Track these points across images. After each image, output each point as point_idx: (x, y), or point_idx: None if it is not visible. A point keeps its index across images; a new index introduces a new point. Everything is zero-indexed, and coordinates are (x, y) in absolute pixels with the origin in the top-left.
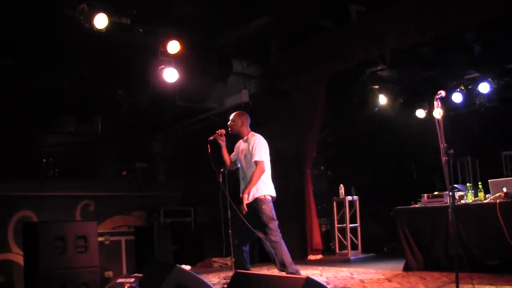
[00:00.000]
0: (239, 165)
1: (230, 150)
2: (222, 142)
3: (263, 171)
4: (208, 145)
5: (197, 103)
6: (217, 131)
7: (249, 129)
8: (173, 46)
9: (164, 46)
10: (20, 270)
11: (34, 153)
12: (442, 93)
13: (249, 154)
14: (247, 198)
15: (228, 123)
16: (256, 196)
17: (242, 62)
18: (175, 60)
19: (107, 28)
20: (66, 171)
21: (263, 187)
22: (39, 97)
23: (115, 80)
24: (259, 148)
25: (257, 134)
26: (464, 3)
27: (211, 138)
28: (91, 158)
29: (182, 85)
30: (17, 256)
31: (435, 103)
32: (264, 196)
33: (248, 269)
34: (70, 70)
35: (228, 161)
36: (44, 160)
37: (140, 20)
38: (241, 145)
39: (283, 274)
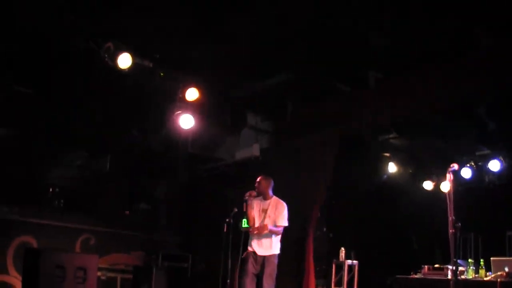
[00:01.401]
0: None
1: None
2: (250, 202)
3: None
4: (244, 204)
5: (209, 152)
6: (249, 192)
7: (272, 193)
8: (192, 93)
9: (183, 92)
10: None
11: (41, 182)
12: (455, 166)
13: (272, 214)
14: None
15: (256, 184)
16: (274, 252)
17: (256, 117)
18: (192, 107)
19: (130, 68)
20: (71, 203)
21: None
22: (52, 128)
23: (130, 121)
24: (285, 214)
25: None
26: (476, 76)
27: (246, 198)
28: (97, 193)
29: (196, 132)
30: (14, 280)
31: (447, 175)
32: (278, 255)
33: None
34: (86, 105)
35: (253, 219)
36: (51, 190)
37: (162, 64)
38: (261, 204)
39: None
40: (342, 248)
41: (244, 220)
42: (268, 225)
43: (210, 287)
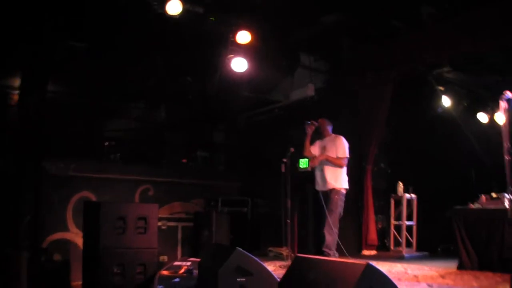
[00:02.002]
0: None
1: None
2: (309, 132)
3: (343, 166)
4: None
5: (263, 94)
6: (312, 121)
7: (331, 131)
8: (244, 36)
9: (235, 36)
10: (77, 250)
11: (98, 137)
12: (509, 93)
13: (330, 148)
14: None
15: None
16: (336, 186)
17: (309, 56)
18: (245, 50)
19: (180, 15)
20: (128, 156)
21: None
22: (109, 82)
23: (184, 67)
24: (344, 145)
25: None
26: None
27: (308, 124)
28: (153, 144)
29: (249, 75)
30: (75, 236)
31: (501, 103)
32: (340, 189)
33: None
34: (141, 57)
35: (309, 150)
36: (107, 143)
37: (212, 9)
38: (320, 143)
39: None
40: (400, 183)
41: (302, 160)
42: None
43: (271, 229)
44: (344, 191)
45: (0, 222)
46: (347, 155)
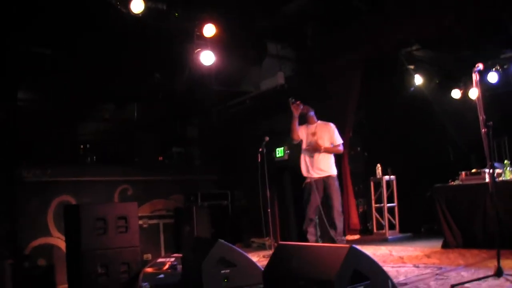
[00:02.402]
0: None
1: None
2: (296, 114)
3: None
4: (292, 106)
5: (233, 87)
6: (297, 102)
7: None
8: (209, 29)
9: (200, 30)
10: (61, 254)
11: (72, 140)
12: (480, 66)
13: (323, 135)
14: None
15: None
16: (334, 173)
17: (277, 45)
18: (211, 43)
19: (143, 12)
20: (104, 157)
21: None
22: (77, 86)
23: (151, 65)
24: (336, 131)
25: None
26: None
27: (293, 101)
28: (128, 144)
29: (218, 68)
30: (57, 240)
31: (473, 75)
32: (335, 175)
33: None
34: (107, 58)
35: (297, 133)
36: (82, 147)
37: (175, 4)
38: (307, 128)
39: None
40: (378, 165)
41: (278, 149)
42: (323, 145)
43: (252, 219)
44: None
45: None
46: (342, 140)
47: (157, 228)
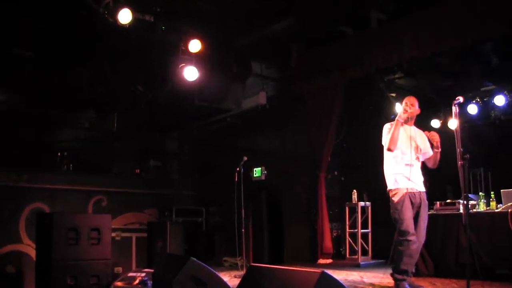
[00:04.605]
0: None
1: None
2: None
3: None
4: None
5: (215, 103)
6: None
7: None
8: (195, 45)
9: (186, 45)
10: (30, 261)
11: (50, 147)
12: (460, 99)
13: (421, 143)
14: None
15: (406, 106)
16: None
17: (261, 64)
18: (196, 59)
19: (130, 23)
20: (80, 166)
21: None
22: (58, 91)
23: (135, 76)
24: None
25: None
26: (482, 15)
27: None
28: (106, 154)
29: (201, 84)
30: (28, 248)
31: (453, 108)
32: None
33: None
34: (90, 65)
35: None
36: (59, 154)
37: (163, 17)
38: (405, 130)
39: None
40: (354, 191)
41: (256, 169)
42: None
43: (226, 238)
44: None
45: None
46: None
47: (129, 241)
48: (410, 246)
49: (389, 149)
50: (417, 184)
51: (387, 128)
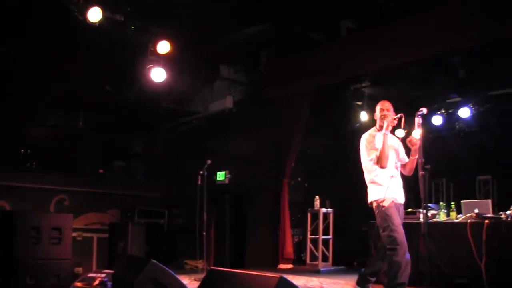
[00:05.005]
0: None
1: None
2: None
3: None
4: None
5: (182, 106)
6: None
7: None
8: (163, 46)
9: (154, 46)
10: None
11: (13, 144)
12: (424, 110)
13: (401, 152)
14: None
15: (384, 113)
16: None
17: (229, 68)
18: (164, 60)
19: (100, 22)
20: (44, 164)
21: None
22: (23, 87)
23: (103, 75)
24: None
25: None
26: (450, 28)
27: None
28: (71, 152)
29: (169, 86)
30: None
31: (416, 119)
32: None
33: None
34: (58, 62)
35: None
36: (22, 151)
37: (134, 17)
38: (391, 140)
39: (258, 272)
40: (317, 197)
41: (220, 173)
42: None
43: (188, 240)
44: None
45: None
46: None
47: (91, 242)
48: (405, 254)
49: (382, 167)
50: (399, 195)
51: (367, 140)
